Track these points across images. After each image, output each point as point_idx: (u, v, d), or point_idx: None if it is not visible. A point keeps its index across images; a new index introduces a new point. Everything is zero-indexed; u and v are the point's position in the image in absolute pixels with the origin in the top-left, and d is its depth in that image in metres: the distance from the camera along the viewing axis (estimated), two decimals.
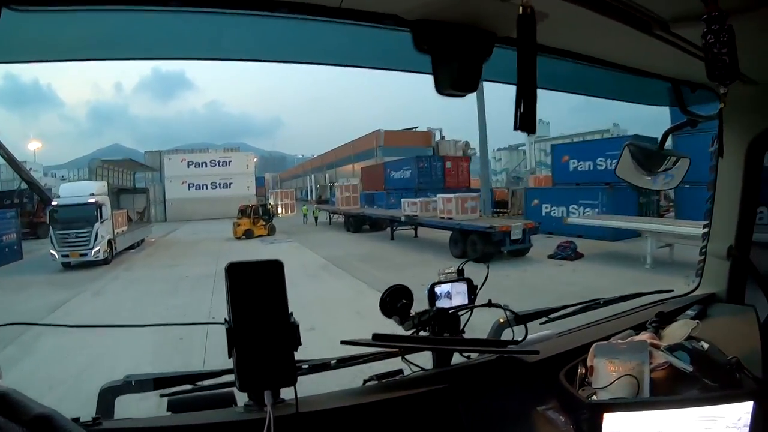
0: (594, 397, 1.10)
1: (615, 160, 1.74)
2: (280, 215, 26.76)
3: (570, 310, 1.68)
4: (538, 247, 14.30)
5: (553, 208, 18.83)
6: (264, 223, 24.83)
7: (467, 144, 44.91)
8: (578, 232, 15.54)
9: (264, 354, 1.02)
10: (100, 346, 6.25)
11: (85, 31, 1.02)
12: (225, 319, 1.04)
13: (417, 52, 1.00)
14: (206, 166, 44.97)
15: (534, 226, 14.48)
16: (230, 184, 44.10)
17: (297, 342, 1.06)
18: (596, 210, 16.78)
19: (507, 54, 0.99)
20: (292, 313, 1.06)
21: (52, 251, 15.97)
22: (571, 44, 1.24)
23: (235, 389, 1.14)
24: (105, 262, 16.54)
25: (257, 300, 1.03)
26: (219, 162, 45.61)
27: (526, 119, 0.83)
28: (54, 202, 16.88)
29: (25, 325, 2.17)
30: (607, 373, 1.13)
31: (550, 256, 13.81)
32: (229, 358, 1.03)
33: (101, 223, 16.75)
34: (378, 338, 1.27)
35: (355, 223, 25.20)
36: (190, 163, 44.99)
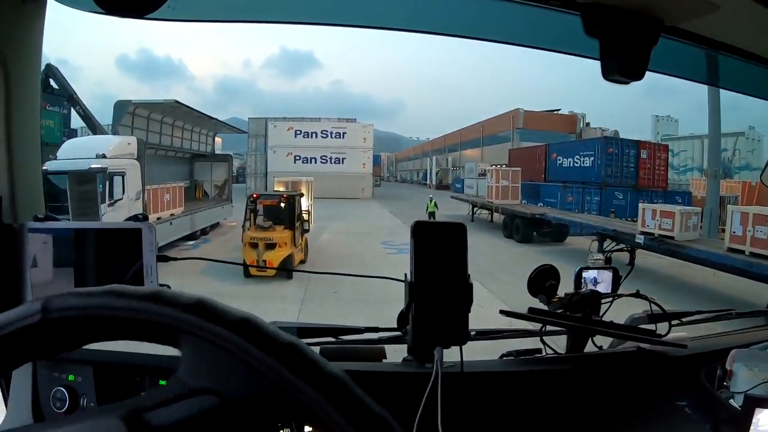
0: (732, 401, 1.10)
1: None
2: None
3: (703, 316, 1.64)
4: None
5: None
6: (301, 237, 11.42)
7: (616, 133, 38.97)
8: None
9: (440, 311, 1.04)
10: None
11: None
12: (405, 274, 1.07)
13: (586, 36, 0.99)
14: (317, 136, 37.08)
15: None
16: (343, 159, 36.52)
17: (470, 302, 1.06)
18: None
19: (670, 45, 1.07)
20: (469, 275, 1.05)
21: None
22: (737, 40, 1.16)
23: (385, 345, 1.30)
24: None
25: (439, 259, 1.04)
26: (331, 133, 37.23)
27: None
28: (45, 167, 10.70)
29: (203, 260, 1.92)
30: (746, 378, 1.13)
31: None
32: (406, 312, 1.06)
33: (112, 204, 10.31)
34: (534, 312, 1.30)
35: (523, 229, 16.07)
36: (298, 132, 36.97)
